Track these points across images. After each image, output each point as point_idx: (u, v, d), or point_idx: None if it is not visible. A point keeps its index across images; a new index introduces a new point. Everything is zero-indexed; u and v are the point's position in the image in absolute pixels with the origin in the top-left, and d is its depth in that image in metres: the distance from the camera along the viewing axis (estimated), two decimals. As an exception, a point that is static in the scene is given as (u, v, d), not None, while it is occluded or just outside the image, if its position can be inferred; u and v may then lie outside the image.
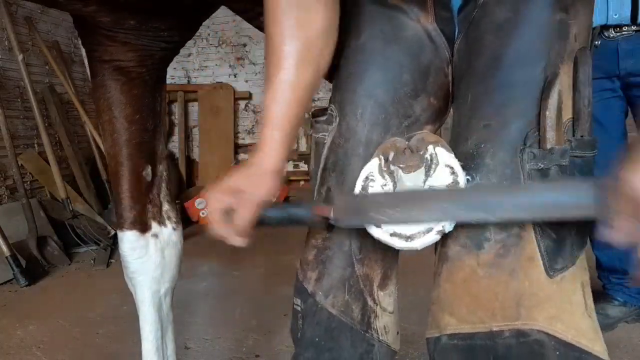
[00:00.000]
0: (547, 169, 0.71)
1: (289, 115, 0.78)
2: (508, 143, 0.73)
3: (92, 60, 1.07)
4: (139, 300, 1.17)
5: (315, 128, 0.91)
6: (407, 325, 1.93)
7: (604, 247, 1.95)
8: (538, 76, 0.74)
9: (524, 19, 0.76)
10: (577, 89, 0.74)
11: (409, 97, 0.86)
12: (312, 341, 0.83)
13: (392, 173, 0.76)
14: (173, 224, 1.18)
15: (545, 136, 0.71)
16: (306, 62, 0.77)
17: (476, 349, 0.69)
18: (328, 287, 0.82)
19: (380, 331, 0.84)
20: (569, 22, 0.75)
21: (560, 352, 0.66)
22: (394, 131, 0.85)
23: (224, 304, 2.39)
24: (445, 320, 0.73)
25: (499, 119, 0.75)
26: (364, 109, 0.85)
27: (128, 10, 0.90)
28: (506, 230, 0.71)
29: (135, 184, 1.11)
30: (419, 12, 0.86)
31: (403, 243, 0.72)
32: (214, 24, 4.71)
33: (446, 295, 0.74)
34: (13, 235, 2.93)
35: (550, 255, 0.69)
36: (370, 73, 0.86)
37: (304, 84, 0.78)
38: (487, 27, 0.79)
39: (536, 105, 0.73)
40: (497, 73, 0.76)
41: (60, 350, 1.96)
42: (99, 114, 1.09)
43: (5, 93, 3.42)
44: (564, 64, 0.74)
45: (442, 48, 0.87)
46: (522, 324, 0.67)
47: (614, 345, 1.80)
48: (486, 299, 0.70)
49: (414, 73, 0.86)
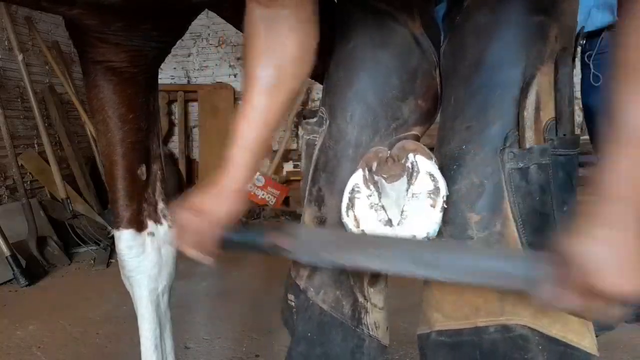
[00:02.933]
0: (526, 168, 0.73)
1: (258, 138, 0.78)
2: (489, 144, 0.75)
3: (85, 61, 1.07)
4: (137, 298, 1.17)
5: (306, 130, 0.94)
6: (407, 325, 1.93)
7: None
8: (517, 77, 0.76)
9: (503, 22, 0.78)
10: (558, 89, 0.76)
11: (397, 99, 0.89)
12: (305, 336, 0.85)
13: (376, 183, 0.79)
14: (169, 222, 1.18)
15: (524, 136, 0.74)
16: (278, 88, 0.78)
17: (463, 344, 0.72)
18: (319, 284, 0.85)
19: (370, 326, 0.86)
20: (549, 24, 0.77)
21: (543, 346, 0.68)
22: (382, 133, 0.88)
23: (224, 304, 2.39)
24: (434, 317, 0.76)
25: (480, 120, 0.77)
26: (353, 112, 0.88)
27: (112, 13, 0.90)
28: (488, 228, 0.73)
29: (130, 183, 1.11)
30: (406, 18, 0.89)
31: None
32: (214, 24, 4.71)
33: (433, 294, 0.77)
34: (13, 235, 2.93)
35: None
36: (360, 77, 0.89)
37: (275, 108, 0.78)
38: (469, 31, 0.82)
39: (516, 106, 0.75)
40: (478, 75, 0.78)
41: (60, 350, 1.96)
42: (93, 114, 1.10)
43: (5, 93, 3.42)
44: (544, 64, 0.76)
45: (429, 52, 0.90)
46: (506, 320, 0.69)
47: (614, 345, 1.79)
48: (470, 296, 0.72)
49: (402, 76, 0.89)
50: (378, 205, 0.77)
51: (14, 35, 3.34)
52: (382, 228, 0.76)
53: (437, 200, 0.74)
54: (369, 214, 0.77)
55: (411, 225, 0.75)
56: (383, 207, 0.77)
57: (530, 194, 0.73)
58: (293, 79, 0.79)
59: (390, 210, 0.77)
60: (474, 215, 0.74)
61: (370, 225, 0.77)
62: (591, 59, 1.85)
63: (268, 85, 0.77)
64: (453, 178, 0.76)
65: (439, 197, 0.74)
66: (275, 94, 0.77)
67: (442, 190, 0.75)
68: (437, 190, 0.75)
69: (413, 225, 0.75)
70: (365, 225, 0.77)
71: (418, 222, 0.75)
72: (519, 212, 0.72)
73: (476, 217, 0.74)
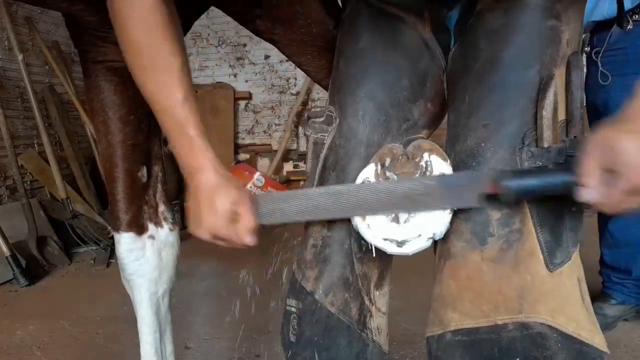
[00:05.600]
0: (544, 167, 0.73)
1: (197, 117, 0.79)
2: (507, 142, 0.76)
3: (85, 61, 1.06)
4: (137, 302, 1.16)
5: (314, 128, 0.92)
6: (407, 325, 1.93)
7: (612, 245, 1.94)
8: (533, 78, 0.76)
9: (517, 26, 0.79)
10: (570, 91, 0.76)
11: (408, 101, 0.89)
12: (311, 340, 0.83)
13: (387, 179, 0.78)
14: (170, 225, 1.18)
15: (543, 135, 0.74)
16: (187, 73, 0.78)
17: (481, 343, 0.70)
18: (328, 286, 0.83)
19: (374, 331, 0.85)
20: (561, 29, 0.79)
21: (562, 344, 0.68)
22: (394, 133, 0.87)
23: (224, 304, 2.39)
24: (449, 316, 0.74)
25: (497, 118, 0.77)
26: (364, 111, 0.87)
27: None
28: (508, 226, 0.73)
29: (130, 185, 1.10)
30: (416, 21, 0.90)
31: (395, 248, 0.74)
32: (214, 24, 4.71)
33: (449, 292, 0.75)
34: (13, 235, 2.94)
35: (550, 250, 0.71)
36: (371, 76, 0.89)
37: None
38: (482, 33, 0.82)
39: (532, 106, 0.75)
40: (493, 75, 0.79)
41: (60, 350, 1.96)
42: (93, 115, 1.09)
43: (5, 93, 3.42)
44: (557, 67, 0.77)
45: (438, 57, 0.91)
46: (525, 317, 0.69)
47: (614, 345, 1.79)
48: (490, 294, 0.71)
49: (413, 79, 0.89)
50: None
51: (14, 35, 3.33)
52: (389, 224, 0.75)
53: None
54: None
55: (418, 224, 0.74)
56: None
57: None
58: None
59: None
60: (495, 212, 0.74)
61: (376, 220, 0.76)
62: (599, 56, 1.80)
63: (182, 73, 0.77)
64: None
65: None
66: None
67: None
68: None
69: (420, 224, 0.74)
70: (371, 220, 0.76)
71: (426, 222, 0.74)
72: (536, 210, 0.73)
73: (497, 214, 0.74)
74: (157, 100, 0.77)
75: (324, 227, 0.86)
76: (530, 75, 0.76)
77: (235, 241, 0.77)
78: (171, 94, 0.76)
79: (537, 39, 0.78)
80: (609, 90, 1.78)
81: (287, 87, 4.76)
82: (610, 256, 1.97)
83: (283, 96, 4.78)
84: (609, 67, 1.78)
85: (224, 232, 0.76)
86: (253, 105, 4.85)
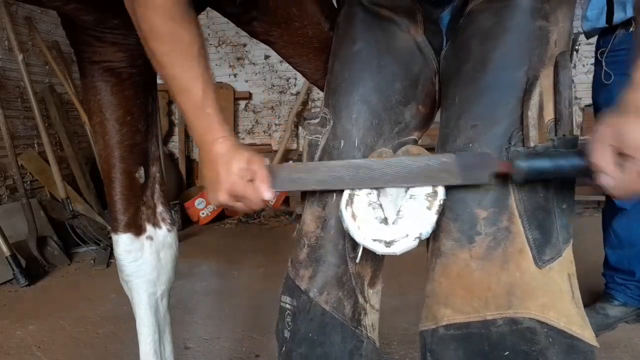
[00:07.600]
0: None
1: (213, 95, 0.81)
2: (494, 142, 0.77)
3: (82, 61, 1.06)
4: (135, 303, 1.16)
5: (309, 130, 0.95)
6: (407, 325, 1.93)
7: (616, 246, 1.94)
8: (521, 79, 0.78)
9: (507, 26, 0.81)
10: (558, 91, 0.78)
11: (400, 104, 0.92)
12: (306, 337, 0.85)
13: None
14: (168, 226, 1.18)
15: (529, 135, 0.76)
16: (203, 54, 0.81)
17: (472, 337, 0.73)
18: (322, 284, 0.85)
19: (368, 328, 0.87)
20: (549, 29, 0.80)
21: (552, 339, 0.70)
22: (386, 136, 0.90)
23: (224, 304, 2.39)
24: (441, 312, 0.76)
25: (486, 119, 0.79)
26: (358, 114, 0.89)
27: (109, 9, 0.89)
28: (495, 224, 0.74)
29: (128, 186, 1.10)
30: (409, 24, 0.92)
31: (383, 248, 0.76)
32: (214, 24, 4.71)
33: (441, 289, 0.78)
34: (13, 235, 2.94)
35: (539, 247, 0.73)
36: (365, 80, 0.91)
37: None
38: (472, 33, 0.84)
39: (520, 107, 0.77)
40: (483, 76, 0.81)
41: (60, 350, 1.96)
42: (90, 115, 1.08)
43: (5, 93, 3.43)
44: (545, 67, 0.79)
45: (430, 59, 0.93)
46: (514, 313, 0.71)
47: (614, 345, 1.79)
48: (479, 290, 0.73)
49: (405, 82, 0.92)
50: (376, 203, 0.79)
51: (14, 35, 3.34)
52: (378, 225, 0.77)
53: (434, 203, 0.76)
54: (366, 210, 0.79)
55: (406, 224, 0.76)
56: (381, 206, 0.79)
57: (535, 190, 0.75)
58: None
59: (387, 209, 0.79)
60: (482, 211, 0.75)
61: (366, 222, 0.78)
62: (604, 56, 1.85)
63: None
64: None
65: (436, 200, 0.76)
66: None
67: (440, 194, 0.77)
68: (435, 193, 0.77)
69: (407, 224, 0.76)
70: (361, 221, 0.78)
71: (413, 222, 0.76)
72: (524, 208, 0.74)
73: (484, 213, 0.75)
74: (178, 84, 0.80)
75: (318, 228, 0.88)
76: (519, 76, 0.78)
77: (253, 198, 0.79)
78: (191, 77, 0.79)
79: (526, 39, 0.80)
80: (611, 89, 1.81)
81: (287, 87, 4.75)
82: (614, 257, 1.97)
83: (283, 96, 4.78)
84: (613, 67, 1.82)
85: (242, 189, 0.78)
86: (253, 105, 4.85)
